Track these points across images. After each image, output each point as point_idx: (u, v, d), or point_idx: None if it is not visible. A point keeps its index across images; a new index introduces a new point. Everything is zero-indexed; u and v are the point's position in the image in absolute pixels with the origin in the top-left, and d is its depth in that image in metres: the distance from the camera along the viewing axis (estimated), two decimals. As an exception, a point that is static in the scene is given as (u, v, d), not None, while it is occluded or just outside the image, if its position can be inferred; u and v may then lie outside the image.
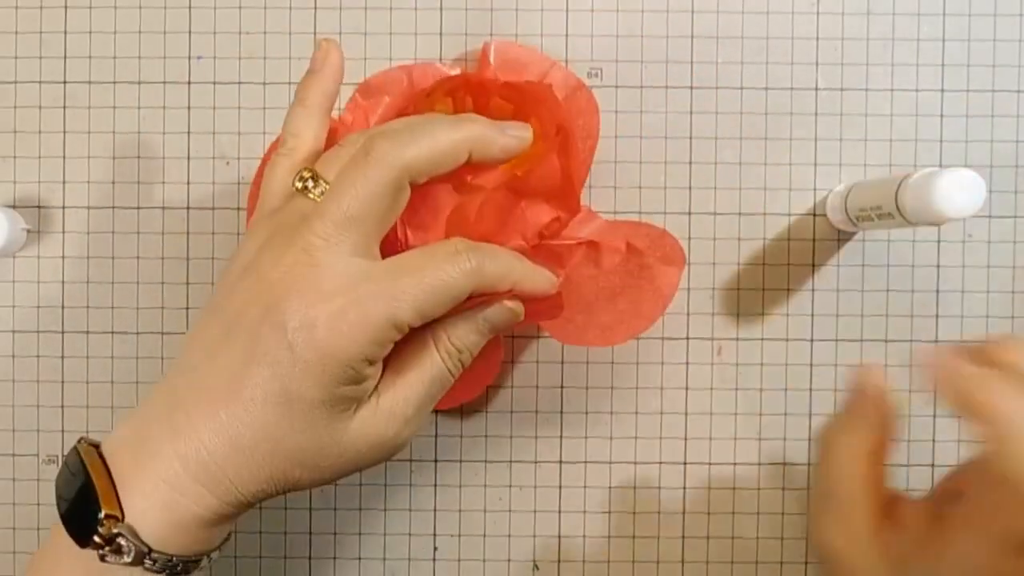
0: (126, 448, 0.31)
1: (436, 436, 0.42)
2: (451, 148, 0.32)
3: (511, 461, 0.43)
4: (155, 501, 0.30)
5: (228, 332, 0.31)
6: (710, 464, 0.42)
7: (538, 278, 0.34)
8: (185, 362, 0.32)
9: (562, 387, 0.42)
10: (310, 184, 0.32)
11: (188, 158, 0.42)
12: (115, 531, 0.29)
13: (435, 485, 0.43)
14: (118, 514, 0.30)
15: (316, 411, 0.30)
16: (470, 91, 0.38)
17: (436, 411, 0.42)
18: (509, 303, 0.33)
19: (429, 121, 0.33)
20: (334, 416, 0.31)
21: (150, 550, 0.30)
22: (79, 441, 0.32)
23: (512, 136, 0.34)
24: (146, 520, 0.30)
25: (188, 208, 0.42)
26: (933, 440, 0.42)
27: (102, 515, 0.29)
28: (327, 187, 0.32)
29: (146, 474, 0.30)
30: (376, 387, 0.32)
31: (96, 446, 0.32)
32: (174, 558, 0.30)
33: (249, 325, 0.30)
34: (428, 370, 0.33)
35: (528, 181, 0.37)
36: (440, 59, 0.42)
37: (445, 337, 0.33)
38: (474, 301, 0.33)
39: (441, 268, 0.31)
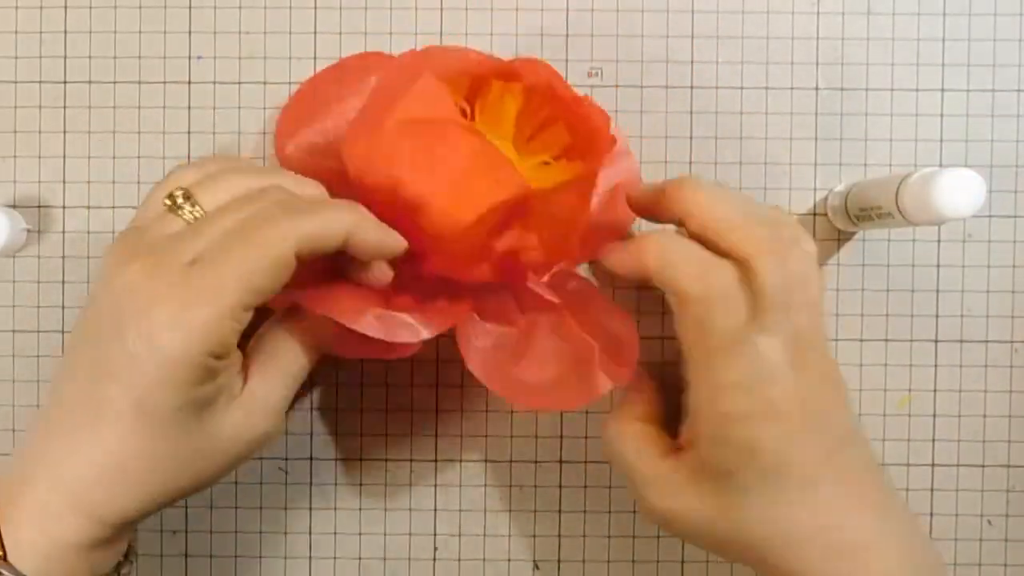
0: (6, 483, 0.31)
1: (436, 436, 0.42)
2: (330, 229, 0.31)
3: (511, 461, 0.43)
4: (31, 534, 0.30)
5: (85, 352, 0.31)
6: (710, 464, 0.42)
7: (378, 231, 0.32)
8: (54, 387, 0.32)
9: (562, 387, 0.42)
10: (180, 201, 0.31)
11: (188, 158, 0.42)
12: None
13: (435, 485, 0.43)
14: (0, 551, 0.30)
15: (179, 418, 0.30)
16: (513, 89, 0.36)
17: (437, 411, 0.42)
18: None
19: (315, 204, 0.32)
20: (202, 419, 0.31)
21: None
22: None
23: (388, 233, 0.33)
24: (24, 554, 0.30)
25: (188, 208, 0.42)
26: (933, 440, 0.42)
27: None
28: (200, 212, 0.31)
29: (22, 508, 0.30)
30: (245, 382, 0.32)
31: None
32: None
33: (98, 343, 0.30)
34: (293, 361, 0.34)
35: (547, 198, 0.34)
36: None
37: (304, 326, 0.34)
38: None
39: (258, 244, 0.30)
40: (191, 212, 0.32)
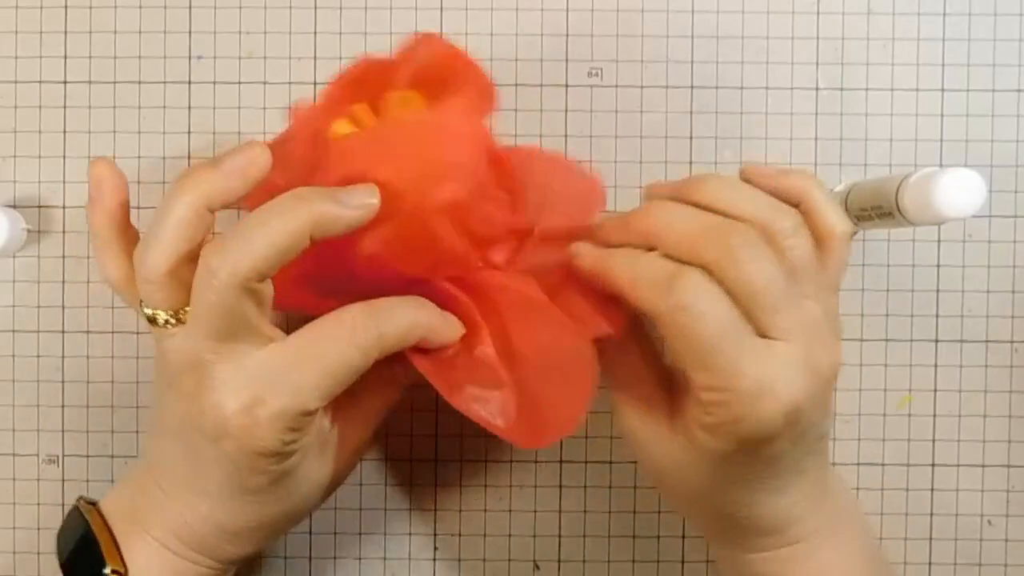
0: (121, 513, 0.33)
1: (436, 436, 0.42)
2: (289, 242, 0.29)
3: (511, 461, 0.43)
4: (155, 560, 0.32)
5: (174, 440, 0.32)
6: (710, 464, 0.42)
7: (445, 328, 0.34)
8: (159, 452, 0.33)
9: (562, 387, 0.42)
10: (158, 319, 0.31)
11: (188, 158, 0.42)
12: None
13: (435, 485, 0.43)
14: (122, 569, 0.32)
15: (276, 489, 0.32)
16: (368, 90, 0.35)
17: (437, 411, 0.42)
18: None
19: (260, 220, 0.30)
20: (297, 478, 0.32)
21: None
22: (78, 499, 0.34)
23: (356, 208, 0.31)
24: (147, 575, 0.32)
25: (188, 208, 0.42)
26: (933, 440, 0.42)
27: (108, 570, 0.31)
28: (172, 315, 0.31)
29: (144, 537, 0.32)
30: (334, 425, 0.34)
31: (94, 504, 0.34)
32: None
33: (187, 437, 0.31)
34: (382, 399, 0.35)
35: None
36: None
37: (398, 370, 0.35)
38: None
39: (338, 350, 0.30)
40: (166, 322, 0.31)
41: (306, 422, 0.31)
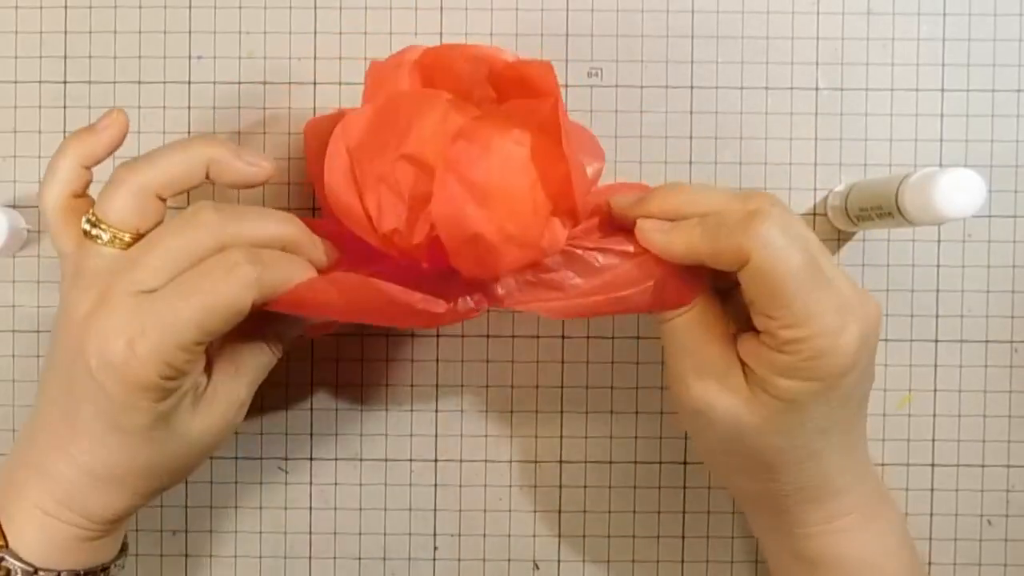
0: (3, 485, 0.34)
1: (436, 436, 0.42)
2: (185, 166, 0.33)
3: (511, 461, 0.43)
4: (33, 526, 0.33)
5: (56, 374, 0.33)
6: (710, 464, 0.42)
7: (313, 261, 0.35)
8: (36, 408, 0.34)
9: (562, 387, 0.42)
10: (89, 229, 0.33)
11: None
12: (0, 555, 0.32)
13: (435, 485, 0.43)
14: (1, 540, 0.32)
15: (149, 430, 0.32)
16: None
17: (436, 411, 0.42)
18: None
19: (167, 146, 0.34)
20: (170, 425, 0.33)
21: (36, 569, 0.33)
22: None
23: (247, 163, 0.34)
24: (26, 542, 0.33)
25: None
26: (933, 440, 0.42)
27: None
28: (117, 234, 0.33)
29: (19, 507, 0.33)
30: (209, 379, 0.34)
31: None
32: (62, 573, 0.33)
33: (67, 369, 0.32)
34: (258, 358, 0.35)
35: None
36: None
37: (271, 332, 0.36)
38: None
39: (217, 288, 0.31)
40: (110, 235, 0.33)
41: (183, 359, 0.31)
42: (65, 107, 0.42)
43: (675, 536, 0.42)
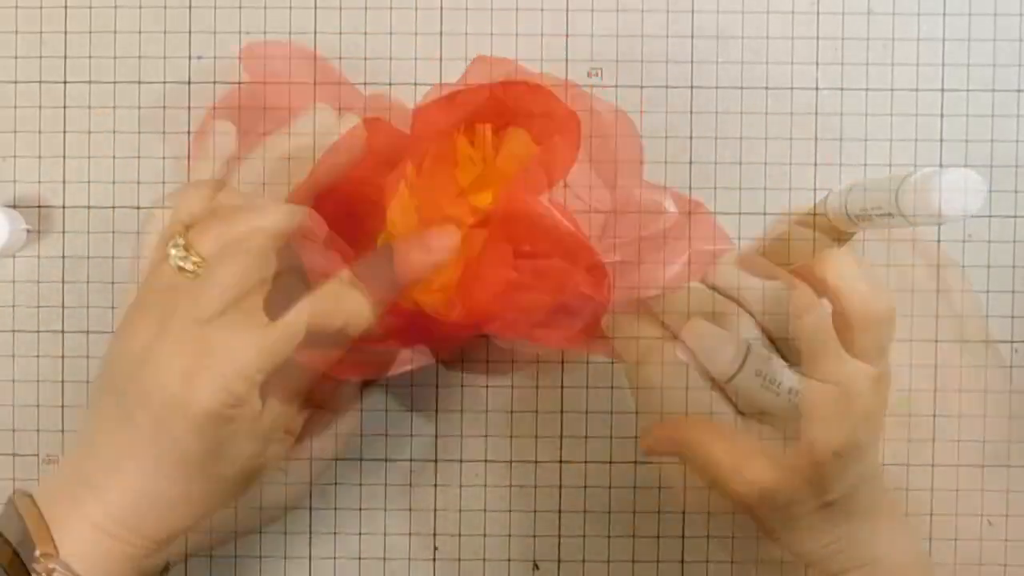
0: (57, 497, 0.34)
1: (436, 436, 0.42)
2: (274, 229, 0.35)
3: (511, 461, 0.43)
4: (86, 541, 0.33)
5: (110, 402, 0.34)
6: (710, 464, 0.42)
7: (364, 309, 0.35)
8: (90, 424, 0.35)
9: (562, 387, 0.42)
10: (173, 252, 0.34)
11: (188, 157, 0.42)
12: (51, 566, 0.32)
13: (435, 485, 0.43)
14: (52, 551, 0.32)
15: (202, 458, 0.33)
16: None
17: (437, 411, 0.42)
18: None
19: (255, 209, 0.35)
20: (223, 452, 0.33)
21: None
22: (13, 492, 0.35)
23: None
24: (79, 556, 0.33)
25: (188, 208, 0.42)
26: (933, 440, 0.42)
27: (38, 552, 0.32)
28: (199, 260, 0.34)
29: (74, 521, 0.33)
30: (265, 406, 0.34)
31: (29, 495, 0.34)
32: None
33: (122, 395, 0.33)
34: (297, 382, 0.36)
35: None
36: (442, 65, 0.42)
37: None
38: None
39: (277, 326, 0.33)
40: (183, 259, 0.34)
41: (245, 388, 0.32)
42: (65, 107, 0.42)
43: (675, 536, 0.42)
